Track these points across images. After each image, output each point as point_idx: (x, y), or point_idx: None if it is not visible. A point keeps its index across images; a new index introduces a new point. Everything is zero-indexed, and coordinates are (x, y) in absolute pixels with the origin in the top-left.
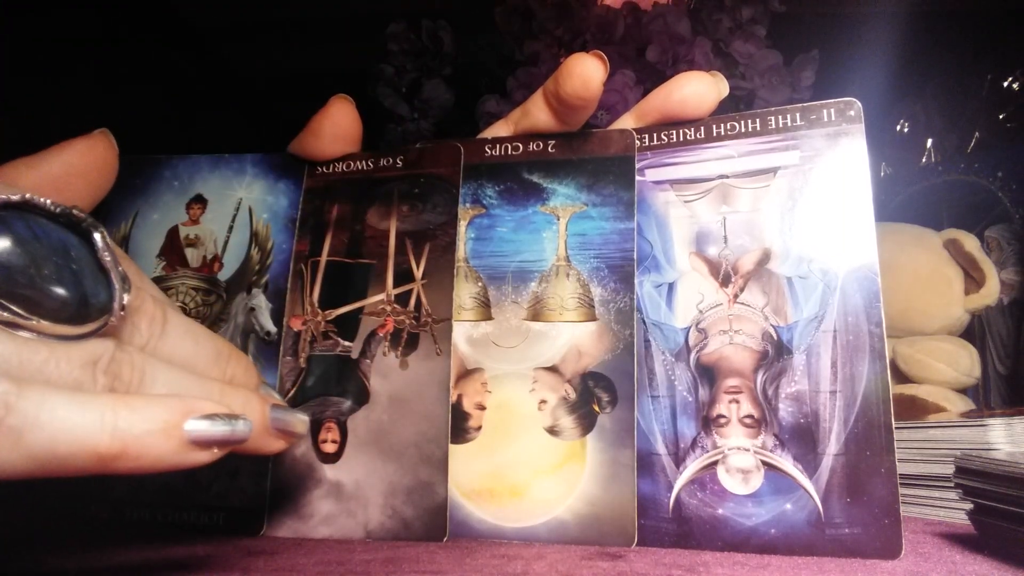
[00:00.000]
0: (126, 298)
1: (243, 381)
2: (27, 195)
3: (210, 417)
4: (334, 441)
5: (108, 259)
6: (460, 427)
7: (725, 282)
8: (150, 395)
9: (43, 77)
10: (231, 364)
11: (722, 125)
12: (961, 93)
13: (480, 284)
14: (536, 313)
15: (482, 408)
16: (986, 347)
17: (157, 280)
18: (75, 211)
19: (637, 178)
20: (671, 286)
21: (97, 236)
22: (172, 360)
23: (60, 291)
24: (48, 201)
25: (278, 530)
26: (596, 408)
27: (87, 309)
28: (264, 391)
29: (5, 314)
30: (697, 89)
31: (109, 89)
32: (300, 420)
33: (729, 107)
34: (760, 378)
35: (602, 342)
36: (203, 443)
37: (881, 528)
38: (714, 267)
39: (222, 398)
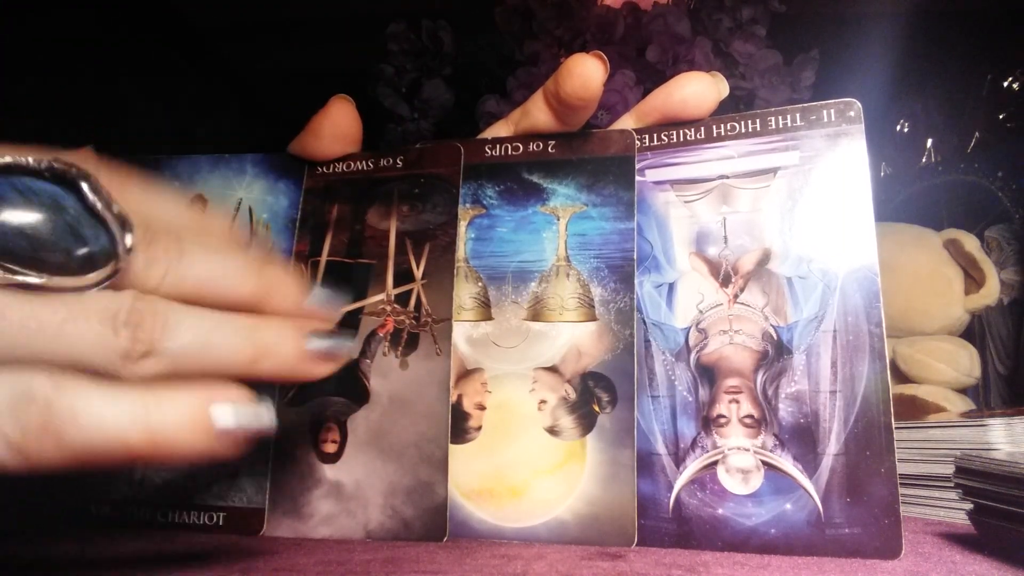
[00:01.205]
0: (128, 239)
1: (282, 290)
2: (7, 157)
3: (235, 406)
4: (334, 441)
5: (99, 206)
6: (460, 427)
7: (725, 282)
8: (178, 387)
9: (42, 77)
10: (266, 273)
11: (722, 125)
12: (961, 93)
13: (480, 284)
14: (536, 313)
15: (482, 408)
16: (986, 347)
17: None
18: (57, 164)
19: (637, 178)
20: (671, 286)
21: (85, 185)
22: (199, 281)
23: (61, 245)
24: (30, 159)
25: (278, 530)
26: (596, 408)
27: (92, 258)
28: (314, 299)
29: (16, 277)
30: (697, 89)
31: (109, 89)
32: (341, 345)
33: (729, 107)
34: (760, 378)
35: (602, 342)
36: (227, 433)
37: (881, 528)
38: (714, 267)
39: (253, 334)
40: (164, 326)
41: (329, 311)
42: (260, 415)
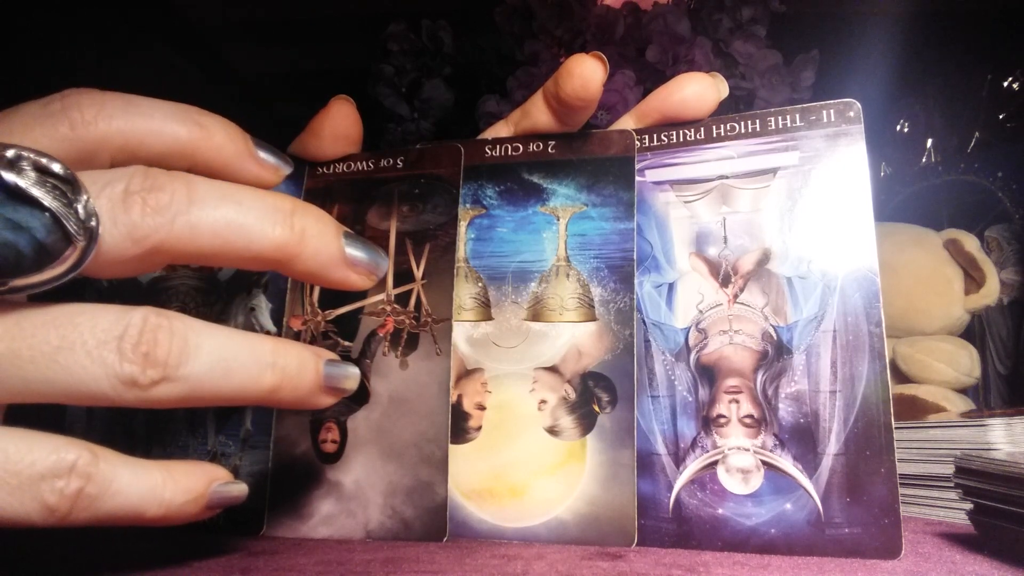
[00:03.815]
0: (80, 205)
1: (316, 232)
2: None
3: (228, 486)
4: (334, 441)
5: (23, 184)
6: (460, 427)
7: (725, 282)
8: (187, 465)
9: (42, 77)
10: (297, 218)
11: (722, 126)
12: (961, 93)
13: (480, 284)
14: (536, 313)
15: (482, 408)
16: (986, 347)
17: (157, 280)
18: None
19: (637, 179)
20: (671, 286)
21: (7, 176)
22: (216, 229)
23: (6, 243)
24: None
25: (278, 530)
26: (596, 408)
27: (43, 248)
28: (354, 249)
29: None
30: (697, 90)
31: (109, 89)
32: (352, 376)
33: (729, 107)
34: (760, 378)
35: (602, 342)
36: (215, 506)
37: (881, 528)
38: (714, 267)
39: (275, 359)
40: (183, 349)
41: (370, 266)
42: (243, 492)
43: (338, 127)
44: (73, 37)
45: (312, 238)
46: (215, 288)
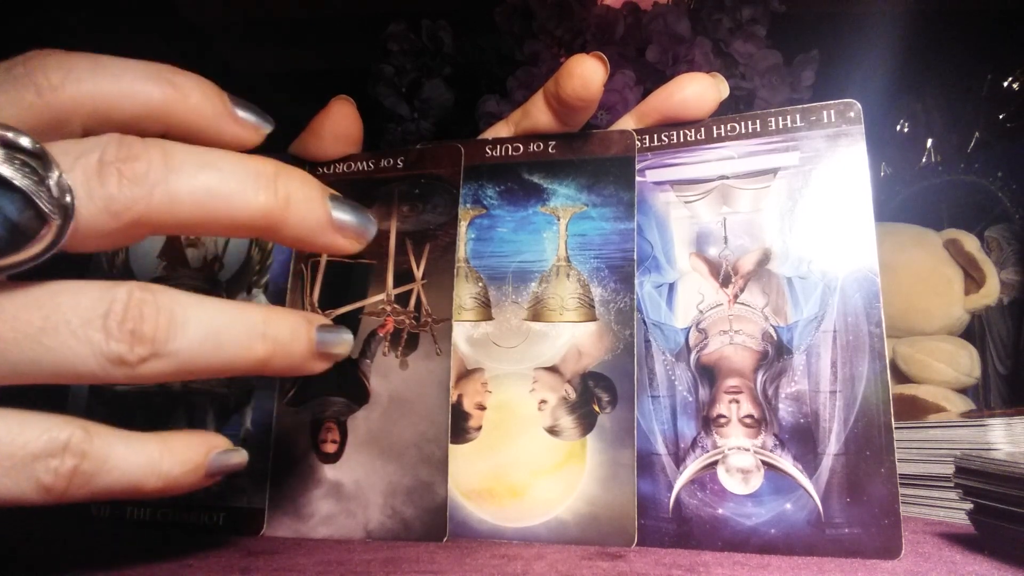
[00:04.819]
0: (52, 182)
1: (302, 196)
2: None
3: (227, 454)
4: (334, 441)
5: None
6: (460, 427)
7: (725, 282)
8: (184, 435)
9: None
10: (281, 183)
11: (722, 126)
12: (961, 93)
13: (480, 284)
14: (536, 313)
15: (482, 408)
16: (986, 347)
17: (157, 281)
18: None
19: (637, 179)
20: (671, 286)
21: None
22: (197, 197)
23: None
24: None
25: (278, 530)
26: (596, 408)
27: (16, 228)
28: (339, 210)
29: None
30: (697, 90)
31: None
32: (345, 342)
33: (729, 107)
34: (760, 378)
35: (602, 342)
36: (215, 474)
37: (881, 528)
38: (714, 267)
39: (267, 328)
40: (170, 323)
41: (359, 230)
42: (243, 459)
43: (338, 127)
44: (72, 36)
45: (298, 203)
46: (215, 288)
